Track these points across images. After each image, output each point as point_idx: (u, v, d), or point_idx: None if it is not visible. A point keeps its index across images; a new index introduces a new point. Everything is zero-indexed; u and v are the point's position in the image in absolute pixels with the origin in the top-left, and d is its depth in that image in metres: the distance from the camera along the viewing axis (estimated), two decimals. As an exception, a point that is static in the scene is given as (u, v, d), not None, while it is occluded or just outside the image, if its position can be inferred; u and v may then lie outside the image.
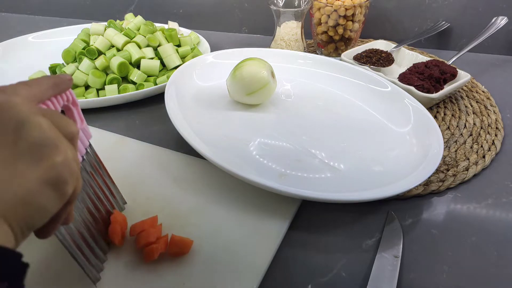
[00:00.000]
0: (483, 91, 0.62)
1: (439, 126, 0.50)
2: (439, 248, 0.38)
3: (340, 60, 0.64)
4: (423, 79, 0.57)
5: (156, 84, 0.63)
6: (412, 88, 0.55)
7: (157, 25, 0.75)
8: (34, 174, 0.20)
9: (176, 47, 0.68)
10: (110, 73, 0.63)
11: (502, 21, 0.66)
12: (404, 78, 0.58)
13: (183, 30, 0.78)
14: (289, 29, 0.67)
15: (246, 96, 0.53)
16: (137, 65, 0.64)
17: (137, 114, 0.59)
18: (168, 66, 0.65)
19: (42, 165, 0.21)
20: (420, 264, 0.36)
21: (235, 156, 0.46)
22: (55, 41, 0.78)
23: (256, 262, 0.35)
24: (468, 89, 0.63)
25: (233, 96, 0.55)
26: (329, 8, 0.65)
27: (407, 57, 0.67)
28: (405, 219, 0.41)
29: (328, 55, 0.72)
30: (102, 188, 0.36)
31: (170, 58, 0.65)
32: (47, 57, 0.70)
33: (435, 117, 0.56)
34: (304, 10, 0.66)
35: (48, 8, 0.99)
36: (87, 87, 0.62)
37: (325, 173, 0.44)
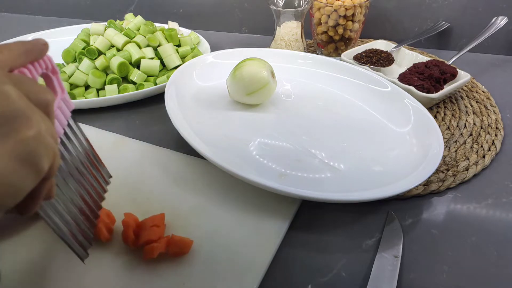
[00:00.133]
0: (483, 91, 0.62)
1: (439, 126, 0.50)
2: (439, 248, 0.38)
3: (340, 60, 0.64)
4: (423, 79, 0.57)
5: (156, 84, 0.63)
6: (412, 88, 0.55)
7: (157, 25, 0.75)
8: (3, 150, 0.18)
9: (176, 47, 0.68)
10: (110, 73, 0.63)
11: (502, 21, 0.66)
12: (404, 78, 0.58)
13: (183, 30, 0.78)
14: (289, 29, 0.67)
15: (246, 96, 0.53)
16: (137, 65, 0.64)
17: (137, 114, 0.59)
18: (168, 66, 0.65)
19: (11, 140, 0.19)
20: (420, 264, 0.36)
21: (235, 156, 0.46)
22: (55, 41, 0.78)
23: (256, 262, 0.35)
24: (468, 89, 0.63)
25: (233, 96, 0.55)
26: (329, 8, 0.65)
27: (407, 57, 0.67)
28: (405, 219, 0.41)
29: (328, 55, 0.72)
30: (86, 164, 0.34)
31: (170, 58, 0.65)
32: (47, 57, 0.70)
33: (435, 117, 0.56)
34: (304, 10, 0.66)
35: (48, 8, 0.99)
36: (87, 87, 0.62)
37: (325, 173, 0.44)
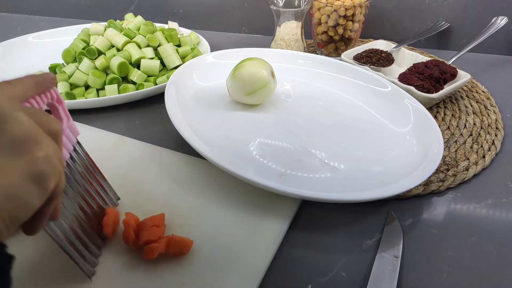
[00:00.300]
0: (483, 91, 0.62)
1: (439, 126, 0.50)
2: (439, 248, 0.38)
3: (340, 60, 0.64)
4: (423, 79, 0.57)
5: (156, 84, 0.63)
6: (412, 88, 0.55)
7: (157, 25, 0.75)
8: (16, 168, 0.20)
9: (176, 47, 0.68)
10: (110, 73, 0.63)
11: (502, 21, 0.66)
12: (404, 78, 0.58)
13: (183, 30, 0.78)
14: (289, 29, 0.67)
15: (246, 96, 0.53)
16: (137, 65, 0.64)
17: (137, 114, 0.59)
18: (168, 66, 0.65)
19: (23, 160, 0.21)
20: (420, 264, 0.36)
21: (235, 156, 0.46)
22: (55, 41, 0.78)
23: (256, 262, 0.35)
24: (468, 89, 0.63)
25: (233, 96, 0.55)
26: (329, 8, 0.65)
27: (407, 57, 0.67)
28: (405, 219, 0.41)
29: (328, 55, 0.72)
30: (93, 185, 0.36)
31: (170, 58, 0.65)
32: (47, 57, 0.70)
33: (435, 117, 0.56)
34: (304, 10, 0.66)
35: (48, 8, 0.99)
36: (87, 87, 0.62)
37: (325, 173, 0.44)
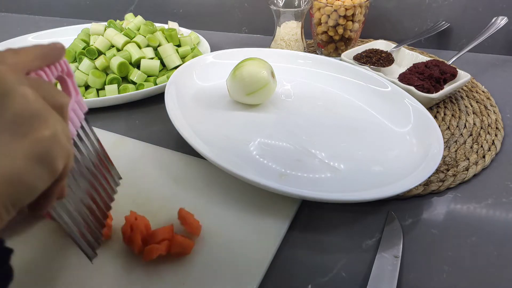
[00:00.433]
0: (483, 91, 0.62)
1: (439, 126, 0.50)
2: (439, 248, 0.38)
3: (340, 60, 0.64)
4: (423, 79, 0.57)
5: (156, 84, 0.63)
6: (412, 88, 0.55)
7: (157, 25, 0.75)
8: (20, 149, 0.19)
9: (176, 47, 0.68)
10: (110, 73, 0.63)
11: (502, 21, 0.66)
12: (404, 78, 0.58)
13: (183, 30, 0.78)
14: (289, 29, 0.67)
15: (246, 96, 0.53)
16: (137, 65, 0.64)
17: (137, 114, 0.59)
18: (168, 66, 0.65)
19: (28, 139, 0.19)
20: (420, 264, 0.36)
21: (235, 156, 0.46)
22: (55, 41, 0.78)
23: (256, 262, 0.35)
24: (468, 89, 0.63)
25: (233, 96, 0.55)
26: (329, 8, 0.65)
27: (407, 57, 0.67)
28: (405, 219, 0.41)
29: (328, 55, 0.72)
30: (97, 165, 0.35)
31: (170, 58, 0.65)
32: (47, 57, 0.70)
33: (435, 117, 0.56)
34: (304, 10, 0.66)
35: (48, 8, 0.99)
36: (87, 87, 0.62)
37: (325, 173, 0.44)
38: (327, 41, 0.70)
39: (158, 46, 0.67)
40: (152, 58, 0.65)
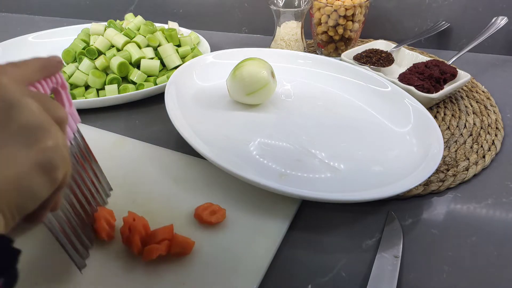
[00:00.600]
0: (483, 91, 0.62)
1: (439, 126, 0.50)
2: (439, 248, 0.38)
3: (340, 60, 0.64)
4: (423, 79, 0.57)
5: (156, 84, 0.63)
6: (412, 88, 0.55)
7: (157, 25, 0.75)
8: (26, 157, 0.20)
9: (176, 47, 0.68)
10: (110, 73, 0.63)
11: (502, 21, 0.66)
12: (404, 78, 0.58)
13: (183, 30, 0.78)
14: (289, 29, 0.67)
15: (246, 96, 0.53)
16: (137, 65, 0.64)
17: (137, 114, 0.59)
18: (168, 66, 0.65)
19: (33, 149, 0.20)
20: (420, 264, 0.36)
21: (235, 156, 0.46)
22: (55, 41, 0.78)
23: (256, 262, 0.35)
24: (468, 89, 0.63)
25: (233, 96, 0.55)
26: (329, 8, 0.65)
27: (407, 57, 0.67)
28: (405, 219, 0.41)
29: (328, 55, 0.72)
30: (88, 174, 0.35)
31: (170, 58, 0.65)
32: (47, 57, 0.70)
33: (435, 117, 0.56)
34: (304, 10, 0.66)
35: (48, 8, 0.99)
36: (87, 87, 0.62)
37: (325, 173, 0.44)
38: (327, 41, 0.70)
39: (158, 46, 0.67)
40: (152, 58, 0.65)
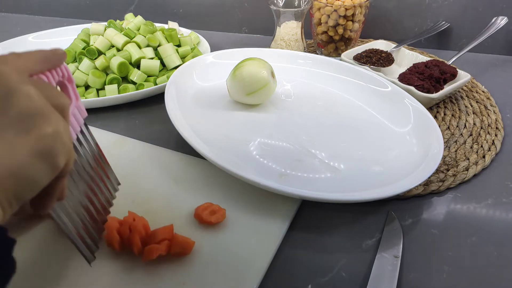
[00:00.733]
0: (483, 91, 0.62)
1: (439, 126, 0.50)
2: (439, 248, 0.38)
3: (340, 60, 0.64)
4: (423, 79, 0.57)
5: (156, 84, 0.63)
6: (412, 88, 0.55)
7: (157, 25, 0.75)
8: (24, 144, 0.20)
9: (176, 47, 0.68)
10: (110, 73, 0.63)
11: (502, 21, 0.66)
12: (404, 78, 0.58)
13: (183, 30, 0.78)
14: (289, 29, 0.67)
15: (246, 96, 0.53)
16: (137, 65, 0.64)
17: (137, 114, 0.59)
18: (168, 66, 0.65)
19: (31, 135, 0.20)
20: (420, 264, 0.36)
21: (235, 156, 0.46)
22: (55, 41, 0.78)
23: (256, 262, 0.35)
24: (468, 89, 0.63)
25: (233, 96, 0.55)
26: (329, 8, 0.65)
27: (407, 57, 0.67)
28: (405, 219, 0.41)
29: (328, 55, 0.72)
30: (97, 170, 0.35)
31: (170, 58, 0.65)
32: (47, 57, 0.70)
33: (435, 117, 0.56)
34: (304, 10, 0.66)
35: (48, 8, 0.99)
36: (87, 87, 0.62)
37: (325, 173, 0.44)
38: (327, 41, 0.70)
39: (158, 46, 0.67)
40: (152, 58, 0.65)
